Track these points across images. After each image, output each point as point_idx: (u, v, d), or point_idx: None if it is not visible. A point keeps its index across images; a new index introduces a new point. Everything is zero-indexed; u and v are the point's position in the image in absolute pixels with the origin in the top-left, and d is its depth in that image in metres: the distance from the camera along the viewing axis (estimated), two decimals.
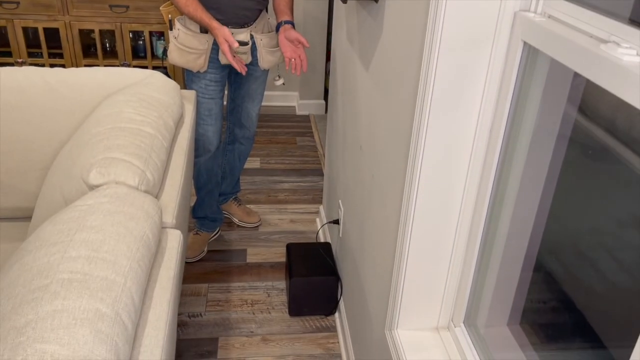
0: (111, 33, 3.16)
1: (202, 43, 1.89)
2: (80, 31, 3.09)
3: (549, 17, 0.82)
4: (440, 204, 1.07)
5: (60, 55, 3.13)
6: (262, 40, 1.99)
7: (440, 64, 0.94)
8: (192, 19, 1.84)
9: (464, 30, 0.91)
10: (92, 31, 3.13)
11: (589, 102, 0.85)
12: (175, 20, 1.92)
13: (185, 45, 1.90)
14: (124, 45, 3.13)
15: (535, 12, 0.84)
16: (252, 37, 1.96)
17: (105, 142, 1.26)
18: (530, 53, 0.87)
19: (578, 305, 0.91)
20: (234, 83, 2.15)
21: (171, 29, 1.94)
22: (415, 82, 1.05)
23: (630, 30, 0.63)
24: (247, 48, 1.93)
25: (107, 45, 3.28)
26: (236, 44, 1.78)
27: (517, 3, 0.87)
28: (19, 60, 3.07)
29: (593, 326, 0.86)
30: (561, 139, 0.92)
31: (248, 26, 1.94)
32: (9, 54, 3.08)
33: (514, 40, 0.88)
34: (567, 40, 0.71)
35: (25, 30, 3.05)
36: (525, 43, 0.86)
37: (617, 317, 0.81)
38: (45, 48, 3.09)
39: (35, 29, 3.06)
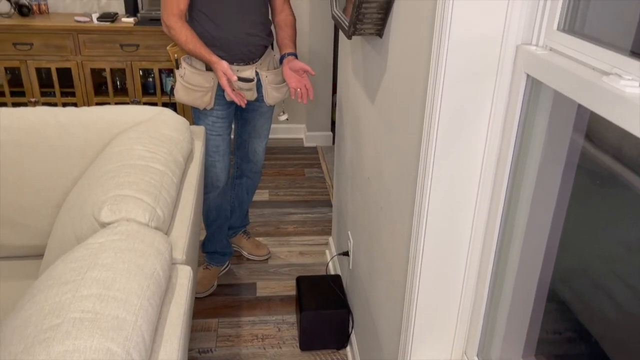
0: (122, 71, 3.23)
1: (208, 81, 1.93)
2: (92, 70, 3.16)
3: (550, 49, 0.83)
4: (449, 235, 1.07)
5: (72, 94, 3.20)
6: (267, 77, 2.02)
7: (445, 97, 0.95)
8: (193, 55, 1.87)
9: (468, 64, 0.92)
10: (103, 70, 3.20)
11: (596, 130, 0.86)
12: (182, 59, 1.96)
13: (191, 83, 1.93)
14: (134, 83, 3.20)
15: (537, 45, 0.86)
16: (257, 73, 1.99)
17: (116, 180, 1.27)
18: (534, 84, 0.89)
19: (594, 334, 0.89)
20: (240, 119, 2.18)
21: (177, 68, 1.99)
22: (421, 115, 1.06)
23: (632, 62, 0.64)
24: (253, 85, 1.96)
25: (118, 82, 3.35)
26: (235, 78, 1.80)
27: (518, 37, 0.88)
28: (32, 99, 3.14)
29: (610, 356, 0.84)
30: (569, 168, 0.93)
31: (253, 63, 1.98)
32: (23, 94, 3.15)
33: (517, 73, 0.89)
34: (570, 73, 0.72)
35: (38, 70, 3.12)
36: (528, 75, 0.87)
37: (634, 346, 0.79)
38: (58, 87, 3.16)
39: (48, 69, 3.13)
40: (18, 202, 1.62)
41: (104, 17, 3.09)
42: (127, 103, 3.22)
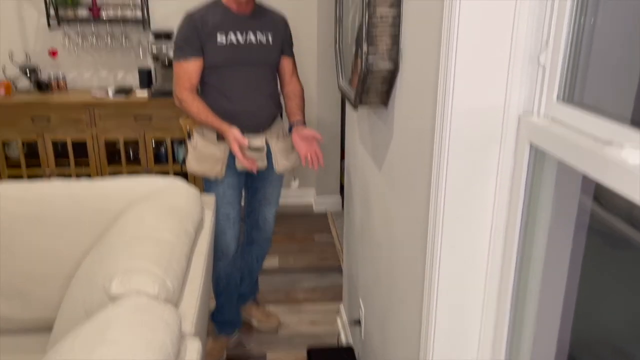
0: (135, 142, 3.32)
1: (220, 151, 1.98)
2: (106, 141, 3.24)
3: (552, 119, 0.85)
4: (461, 306, 1.05)
5: (86, 164, 3.27)
6: (276, 146, 2.07)
7: (450, 166, 0.96)
8: (205, 125, 1.94)
9: (471, 133, 0.95)
10: (117, 141, 3.29)
11: (604, 193, 0.86)
12: (194, 130, 2.02)
13: (202, 154, 1.99)
14: (146, 153, 3.27)
15: (538, 115, 0.88)
16: (267, 142, 2.04)
17: (126, 251, 1.28)
18: (538, 152, 0.90)
19: None
20: (250, 188, 2.21)
21: (190, 139, 2.05)
22: (428, 183, 1.08)
23: (633, 132, 0.66)
24: (263, 154, 2.01)
25: (131, 153, 3.43)
26: (246, 142, 1.85)
27: (520, 107, 0.91)
28: (47, 171, 3.21)
29: None
30: (579, 231, 0.92)
31: (263, 132, 2.03)
32: (38, 165, 3.23)
33: (520, 142, 0.91)
34: (572, 143, 0.74)
35: (54, 143, 3.21)
36: (531, 144, 0.89)
37: None
38: (73, 158, 3.24)
39: (64, 142, 3.22)
40: (28, 275, 1.62)
41: (119, 91, 3.21)
42: (140, 173, 3.28)
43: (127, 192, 1.66)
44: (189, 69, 1.92)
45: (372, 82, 1.34)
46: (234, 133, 1.86)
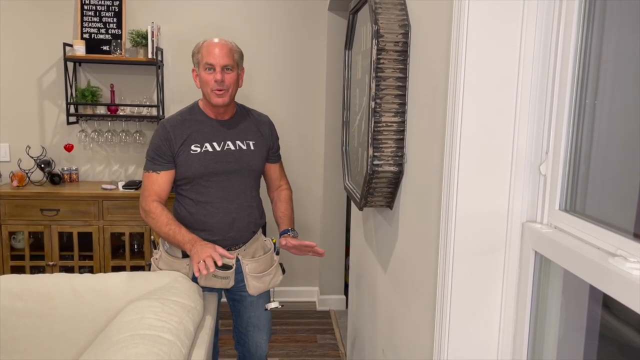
0: (140, 235, 3.33)
1: (183, 267, 1.83)
2: (112, 234, 3.26)
3: (555, 228, 0.86)
4: None
5: (90, 257, 3.26)
6: (248, 266, 1.87)
7: (456, 271, 0.96)
8: (170, 240, 1.74)
9: (476, 239, 0.95)
10: (123, 234, 3.30)
11: (615, 302, 0.85)
12: (160, 241, 1.87)
13: (164, 270, 1.84)
14: (151, 247, 3.27)
15: (541, 223, 0.89)
16: (238, 260, 1.86)
17: (124, 351, 1.25)
18: (544, 258, 0.90)
19: None
20: (233, 311, 2.01)
21: (155, 249, 1.92)
22: (433, 289, 1.07)
23: (636, 245, 0.66)
24: (231, 272, 1.81)
25: (135, 246, 3.42)
26: (212, 270, 1.58)
27: (523, 214, 0.92)
28: (50, 263, 3.20)
29: None
30: (591, 341, 0.90)
31: (236, 249, 1.86)
32: (42, 257, 3.22)
33: (525, 249, 0.91)
34: (576, 253, 0.74)
35: (60, 234, 3.23)
36: (536, 252, 0.89)
37: None
38: (77, 251, 3.23)
39: (70, 233, 3.24)
40: None
41: (129, 184, 3.28)
42: (142, 266, 3.26)
43: (130, 288, 1.65)
44: (159, 182, 1.78)
45: (377, 184, 1.37)
46: (206, 253, 1.61)
